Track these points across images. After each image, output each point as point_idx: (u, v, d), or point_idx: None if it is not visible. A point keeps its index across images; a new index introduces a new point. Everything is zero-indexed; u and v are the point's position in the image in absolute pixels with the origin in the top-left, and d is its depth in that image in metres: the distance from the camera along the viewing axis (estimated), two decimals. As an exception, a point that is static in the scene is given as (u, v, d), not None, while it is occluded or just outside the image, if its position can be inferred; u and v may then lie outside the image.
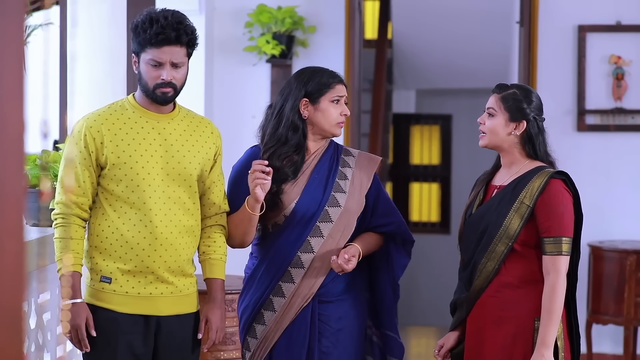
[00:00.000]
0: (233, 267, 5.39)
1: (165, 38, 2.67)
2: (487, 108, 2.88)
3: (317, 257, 2.89)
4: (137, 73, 2.76)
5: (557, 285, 2.72)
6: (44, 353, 3.11)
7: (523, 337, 2.75)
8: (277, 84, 5.73)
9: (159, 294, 2.75)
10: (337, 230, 2.91)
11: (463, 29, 8.84)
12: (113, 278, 2.72)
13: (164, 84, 2.71)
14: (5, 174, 1.16)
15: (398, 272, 3.04)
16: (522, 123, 2.84)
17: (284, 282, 2.92)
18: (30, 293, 3.01)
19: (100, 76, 4.09)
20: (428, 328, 7.88)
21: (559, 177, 2.80)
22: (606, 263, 5.22)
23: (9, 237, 1.17)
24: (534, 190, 2.77)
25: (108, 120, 2.74)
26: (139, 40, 2.70)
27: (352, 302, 2.98)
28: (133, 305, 2.72)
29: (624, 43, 5.59)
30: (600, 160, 5.63)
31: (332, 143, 3.04)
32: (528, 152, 2.86)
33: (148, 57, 2.70)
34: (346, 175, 2.97)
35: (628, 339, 5.19)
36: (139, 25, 2.70)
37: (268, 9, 5.60)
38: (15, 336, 1.18)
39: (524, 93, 2.86)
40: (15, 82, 1.17)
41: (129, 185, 2.71)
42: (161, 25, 2.67)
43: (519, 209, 2.78)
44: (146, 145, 2.74)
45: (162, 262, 2.74)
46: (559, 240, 2.73)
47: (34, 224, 3.21)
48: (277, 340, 2.93)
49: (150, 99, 2.76)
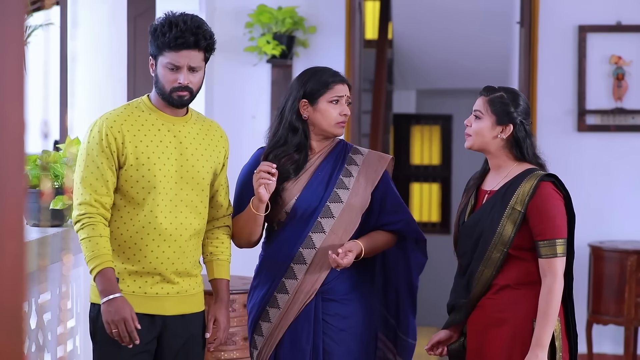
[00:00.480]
0: (234, 267, 5.39)
1: (184, 42, 2.68)
2: (474, 110, 2.87)
3: (319, 252, 2.90)
4: (153, 75, 2.77)
5: (554, 287, 2.72)
6: (44, 353, 3.11)
7: (522, 338, 2.75)
8: (277, 84, 5.73)
9: (165, 294, 2.76)
10: (339, 226, 2.92)
11: (463, 29, 8.84)
12: (120, 278, 2.72)
13: (181, 87, 2.72)
14: (6, 174, 1.16)
15: (414, 271, 3.03)
16: (509, 127, 2.82)
17: (287, 278, 2.93)
18: (30, 293, 3.01)
19: (101, 77, 4.09)
20: (428, 328, 7.87)
21: (548, 179, 2.79)
22: (607, 263, 5.22)
23: (10, 237, 1.17)
24: (524, 195, 2.76)
25: (127, 121, 2.74)
26: (158, 43, 2.70)
27: (359, 305, 2.97)
28: (139, 304, 2.72)
29: (624, 43, 5.59)
30: (601, 160, 5.63)
31: (340, 142, 3.05)
32: (516, 155, 2.85)
33: (166, 60, 2.70)
34: (351, 172, 2.97)
35: (628, 339, 5.19)
36: (158, 29, 2.70)
37: (268, 9, 5.60)
38: (15, 336, 1.18)
39: (511, 96, 2.84)
40: (15, 82, 1.17)
41: (145, 187, 2.71)
42: (180, 29, 2.67)
43: (511, 214, 2.77)
44: (163, 148, 2.75)
45: (169, 264, 2.75)
46: (553, 243, 2.73)
47: (34, 224, 3.21)
48: (282, 338, 2.94)
49: (166, 102, 2.77)
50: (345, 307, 2.95)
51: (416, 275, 3.05)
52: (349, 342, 2.94)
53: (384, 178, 3.00)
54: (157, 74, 2.75)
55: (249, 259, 3.64)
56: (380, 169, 2.99)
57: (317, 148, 2.99)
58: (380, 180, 2.99)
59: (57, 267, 3.19)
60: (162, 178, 2.73)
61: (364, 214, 2.98)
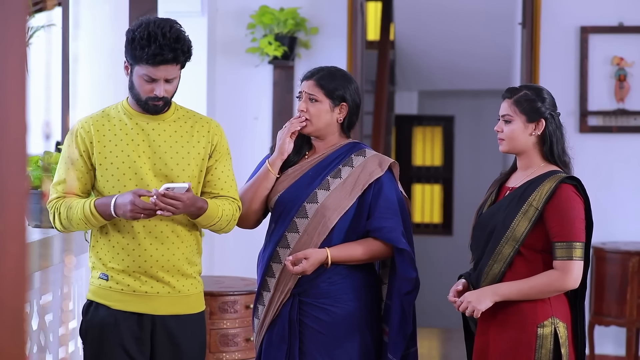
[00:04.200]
0: (234, 268, 5.40)
1: (162, 59, 2.68)
2: (502, 115, 2.85)
3: (293, 252, 2.87)
4: (128, 79, 2.78)
5: (558, 281, 2.69)
6: (46, 354, 3.11)
7: (526, 342, 2.73)
8: (279, 85, 5.73)
9: (155, 292, 2.77)
10: (313, 227, 2.87)
11: (465, 30, 8.84)
12: (110, 275, 2.75)
13: (157, 98, 2.74)
14: (7, 175, 1.16)
15: (402, 285, 2.89)
16: (541, 122, 2.82)
17: (268, 276, 2.96)
18: (32, 294, 3.01)
19: (102, 77, 4.09)
20: (430, 330, 7.87)
21: (570, 182, 2.77)
22: (609, 264, 5.22)
23: (11, 238, 1.17)
24: (543, 194, 2.74)
25: (99, 122, 2.80)
26: (135, 54, 2.70)
27: (343, 311, 2.89)
28: (128, 302, 2.75)
29: (626, 44, 5.59)
30: (603, 161, 5.63)
31: (349, 143, 3.01)
32: (545, 153, 2.84)
33: (142, 71, 2.71)
34: (341, 174, 2.92)
35: (630, 341, 5.19)
36: (137, 40, 2.68)
37: (270, 10, 5.61)
38: (17, 337, 1.18)
39: (535, 92, 2.84)
40: (17, 83, 1.17)
41: (116, 186, 2.74)
42: (159, 44, 2.66)
43: (527, 211, 2.75)
44: (133, 146, 2.77)
45: (153, 261, 2.76)
46: (570, 245, 2.70)
47: (36, 225, 3.21)
48: (264, 334, 2.96)
49: (141, 108, 2.80)
50: (322, 311, 2.89)
51: (405, 289, 2.89)
52: (328, 345, 2.88)
53: (379, 182, 2.91)
54: (133, 81, 2.76)
55: (249, 260, 3.64)
56: (376, 172, 2.91)
57: (320, 148, 3.00)
58: (374, 184, 2.90)
59: (58, 268, 3.19)
60: (133, 176, 2.74)
61: (353, 218, 2.90)
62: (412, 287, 2.90)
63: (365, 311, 2.92)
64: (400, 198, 2.94)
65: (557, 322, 2.74)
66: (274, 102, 5.75)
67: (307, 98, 2.93)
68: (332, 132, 2.97)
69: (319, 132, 2.96)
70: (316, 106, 2.92)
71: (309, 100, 2.93)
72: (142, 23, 2.72)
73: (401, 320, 2.88)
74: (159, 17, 2.80)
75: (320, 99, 2.92)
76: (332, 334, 2.88)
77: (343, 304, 2.89)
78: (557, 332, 2.73)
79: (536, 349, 2.72)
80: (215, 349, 3.74)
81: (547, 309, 2.74)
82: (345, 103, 2.95)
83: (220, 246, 5.66)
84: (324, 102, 2.92)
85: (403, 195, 2.97)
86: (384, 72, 8.30)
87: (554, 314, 2.74)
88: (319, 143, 2.99)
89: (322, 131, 2.96)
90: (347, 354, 2.88)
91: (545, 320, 2.73)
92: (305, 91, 2.93)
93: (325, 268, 2.85)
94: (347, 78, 2.98)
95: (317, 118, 2.93)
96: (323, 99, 2.92)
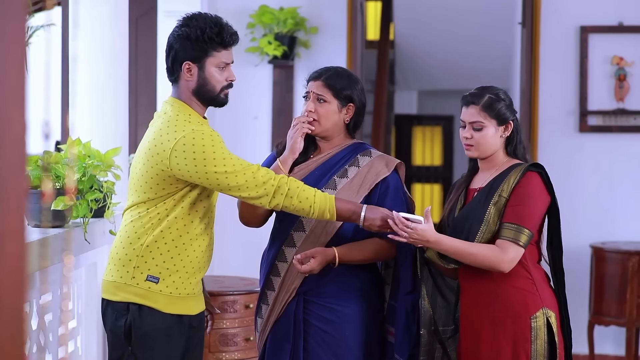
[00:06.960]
0: (234, 268, 5.40)
1: (236, 39, 2.75)
2: (470, 122, 2.85)
3: (299, 251, 2.88)
4: (192, 81, 2.72)
5: (494, 256, 2.70)
6: (45, 354, 3.11)
7: (521, 336, 2.75)
8: (279, 85, 5.72)
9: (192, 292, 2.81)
10: (319, 226, 2.88)
11: (465, 30, 8.85)
12: (161, 278, 2.70)
13: (229, 85, 2.76)
14: (7, 175, 1.16)
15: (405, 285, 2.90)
16: (510, 124, 2.87)
17: (273, 275, 2.95)
18: (31, 294, 3.01)
19: (102, 77, 4.08)
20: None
21: (535, 169, 2.81)
22: (608, 264, 5.21)
23: (11, 238, 1.16)
24: (510, 184, 2.78)
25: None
26: (205, 46, 2.69)
27: (348, 309, 2.90)
28: (175, 305, 2.73)
29: (626, 44, 5.59)
30: (603, 161, 5.63)
31: (354, 144, 3.00)
32: (509, 151, 2.88)
33: (217, 60, 2.71)
34: (348, 173, 2.93)
35: (630, 340, 5.18)
36: (206, 31, 2.68)
37: (270, 10, 5.60)
38: (16, 337, 1.18)
39: (497, 96, 2.87)
40: (17, 83, 1.17)
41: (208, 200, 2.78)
42: (229, 28, 2.73)
43: (498, 202, 2.78)
44: None
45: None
46: (520, 229, 2.72)
47: (35, 225, 3.21)
48: (269, 333, 2.96)
49: (208, 103, 2.77)
50: (328, 310, 2.89)
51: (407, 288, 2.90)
52: (333, 344, 2.88)
53: (386, 182, 2.91)
54: (205, 77, 2.72)
55: (249, 260, 3.64)
56: (383, 173, 2.91)
57: (323, 148, 3.00)
58: (380, 184, 2.91)
59: (58, 268, 3.19)
60: None
61: None
62: (413, 287, 2.91)
63: (370, 311, 2.93)
64: (406, 199, 2.95)
65: (548, 312, 2.77)
66: (273, 101, 5.75)
67: (315, 98, 2.92)
68: (338, 132, 2.97)
69: (327, 132, 2.95)
70: (324, 107, 2.92)
71: (317, 101, 2.92)
72: (191, 19, 2.71)
73: (406, 321, 2.89)
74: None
75: (328, 99, 2.92)
76: (337, 333, 2.88)
77: (349, 303, 2.90)
78: (550, 322, 2.76)
79: (532, 341, 2.74)
80: (215, 348, 3.74)
81: (537, 300, 2.77)
82: (353, 104, 2.95)
83: (220, 246, 5.66)
84: (332, 103, 2.92)
85: (408, 197, 2.97)
86: (383, 72, 8.31)
87: (544, 305, 2.77)
88: (324, 143, 2.99)
89: (329, 132, 2.95)
90: (352, 353, 2.89)
91: (537, 312, 2.76)
92: (314, 91, 2.93)
93: (332, 267, 2.86)
94: (353, 78, 2.98)
95: (326, 119, 2.92)
96: (331, 100, 2.92)
